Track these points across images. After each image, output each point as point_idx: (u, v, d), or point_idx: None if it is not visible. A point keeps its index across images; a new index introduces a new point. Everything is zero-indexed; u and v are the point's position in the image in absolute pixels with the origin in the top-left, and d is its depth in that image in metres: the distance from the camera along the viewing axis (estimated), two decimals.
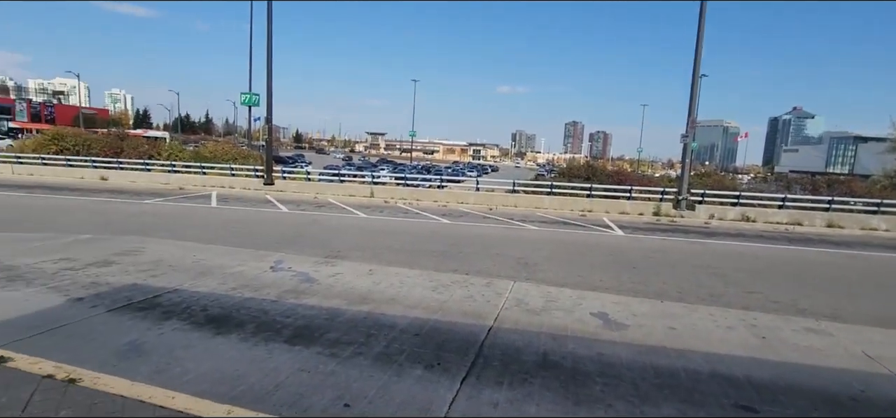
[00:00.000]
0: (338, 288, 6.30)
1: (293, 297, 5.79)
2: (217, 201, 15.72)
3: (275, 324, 4.88)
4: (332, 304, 5.60)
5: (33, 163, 21.95)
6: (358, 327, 4.92)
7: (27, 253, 7.32)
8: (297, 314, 5.21)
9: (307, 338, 4.55)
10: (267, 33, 18.78)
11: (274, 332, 4.66)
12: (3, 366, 3.50)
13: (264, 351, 4.24)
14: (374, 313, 5.37)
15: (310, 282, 6.48)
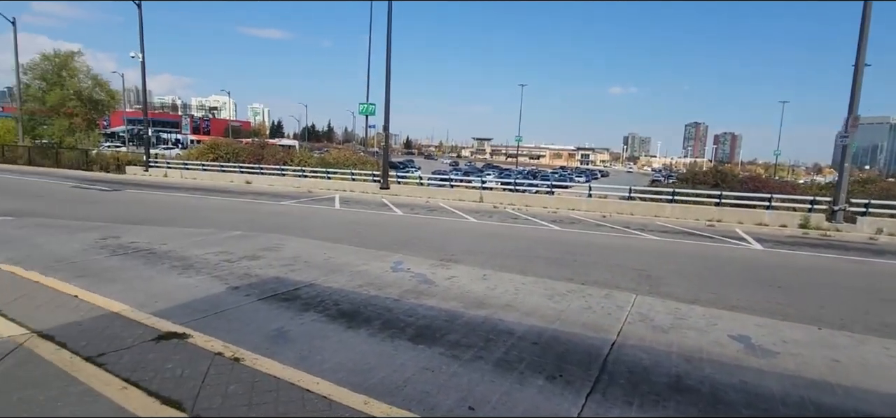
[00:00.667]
0: (454, 291, 6.45)
1: (413, 298, 6.06)
2: (340, 203, 17.07)
3: (398, 322, 5.14)
4: (449, 306, 5.75)
5: (195, 169, 25.85)
6: (476, 331, 4.99)
7: (195, 245, 8.60)
8: (418, 314, 5.44)
9: (429, 338, 4.72)
10: (386, 51, 19.99)
11: (398, 330, 4.92)
12: (185, 342, 4.15)
13: (390, 347, 4.48)
14: (491, 318, 5.40)
15: (428, 284, 6.73)
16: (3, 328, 4.27)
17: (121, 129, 60.61)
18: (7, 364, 3.60)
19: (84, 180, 22.16)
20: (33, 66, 33.88)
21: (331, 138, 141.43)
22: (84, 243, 8.40)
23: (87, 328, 4.41)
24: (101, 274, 6.47)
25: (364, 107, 32.69)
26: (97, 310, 4.90)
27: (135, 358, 3.79)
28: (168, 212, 12.92)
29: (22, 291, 5.37)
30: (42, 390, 3.25)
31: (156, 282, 6.24)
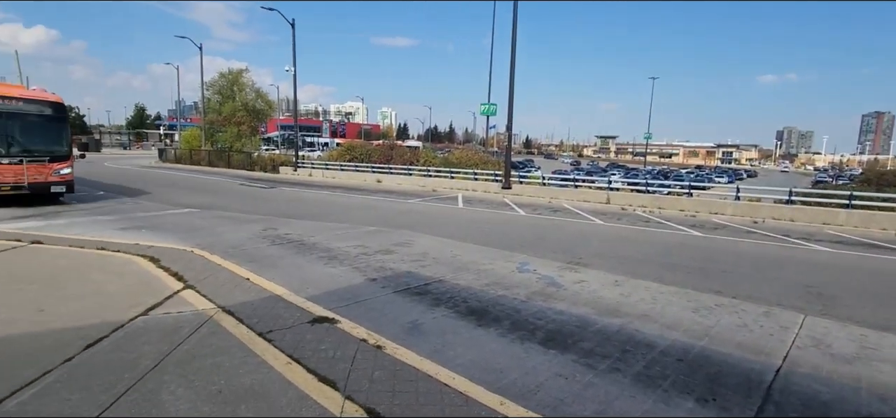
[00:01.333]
0: (584, 295, 6.19)
1: (541, 300, 5.94)
2: (463, 202, 17.49)
3: (528, 324, 5.08)
4: (580, 312, 5.53)
5: (334, 169, 28.56)
6: (611, 340, 4.72)
7: (337, 239, 9.48)
8: (547, 317, 5.32)
9: (560, 344, 4.58)
10: (511, 51, 19.97)
11: (528, 332, 4.86)
12: (334, 326, 4.58)
13: (521, 349, 4.45)
14: (626, 327, 5.07)
15: (556, 287, 6.55)
16: (199, 302, 5.15)
17: (275, 135, 69.51)
18: (202, 332, 4.33)
19: (248, 179, 25.83)
20: (212, 83, 40.50)
21: (452, 139, 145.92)
22: (250, 233, 9.77)
23: (258, 307, 5.11)
24: (264, 260, 7.45)
25: (485, 107, 33.05)
26: (264, 292, 5.65)
27: (295, 338, 4.29)
28: (313, 208, 14.45)
29: (209, 272, 6.41)
30: (228, 357, 3.84)
31: (306, 270, 7.00)
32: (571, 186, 21.22)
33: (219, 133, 39.59)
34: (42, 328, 4.34)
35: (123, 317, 4.61)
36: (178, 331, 4.33)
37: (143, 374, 3.50)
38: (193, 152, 38.22)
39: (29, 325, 4.38)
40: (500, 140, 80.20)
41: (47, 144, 12.48)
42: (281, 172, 29.93)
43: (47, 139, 12.55)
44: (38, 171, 12.19)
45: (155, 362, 3.70)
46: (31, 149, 12.14)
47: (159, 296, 5.33)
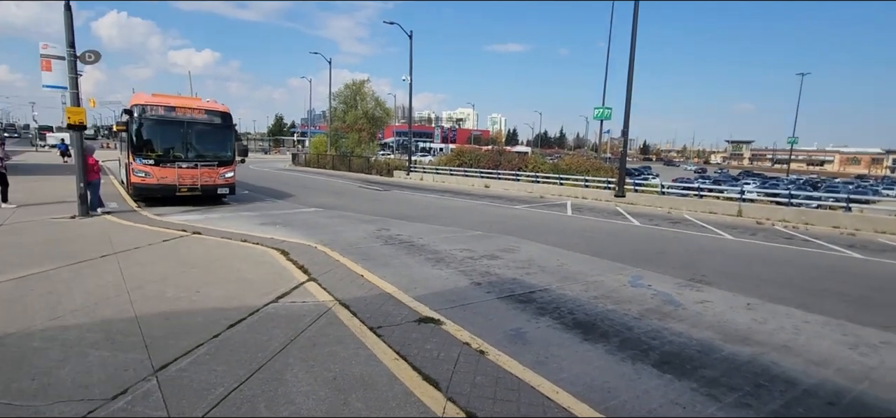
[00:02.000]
0: (708, 317, 5.60)
1: (656, 318, 5.49)
2: (572, 210, 16.89)
3: (640, 343, 4.73)
4: (702, 336, 5.01)
5: (444, 174, 29.41)
6: (740, 370, 4.20)
7: (444, 241, 9.74)
8: (662, 337, 4.91)
9: (677, 368, 4.19)
10: (630, 53, 18.87)
11: (640, 352, 4.53)
12: (439, 328, 4.71)
13: (631, 369, 4.15)
14: (760, 358, 4.47)
15: (673, 305, 6.02)
16: (320, 294, 5.64)
17: (391, 140, 73.73)
18: (321, 322, 4.73)
19: (365, 181, 27.72)
20: (338, 94, 44.22)
21: (562, 144, 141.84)
22: (365, 232, 10.46)
23: (370, 302, 5.45)
24: (377, 259, 7.92)
25: (599, 111, 31.61)
26: (376, 289, 6.01)
27: (403, 335, 4.49)
28: (423, 211, 15.02)
29: (329, 267, 7.00)
30: (343, 348, 4.15)
31: (415, 271, 7.29)
32: (694, 196, 19.34)
33: (342, 139, 43.05)
34: (198, 306, 5.09)
35: (258, 303, 5.22)
36: (302, 319, 4.78)
37: (272, 355, 3.93)
38: (320, 156, 42.09)
39: (189, 304, 5.17)
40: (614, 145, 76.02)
41: (216, 150, 14.11)
42: (394, 176, 31.62)
43: (217, 145, 14.15)
44: (208, 175, 13.81)
45: (282, 345, 4.13)
46: (203, 154, 13.82)
47: (288, 285, 5.94)
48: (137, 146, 12.76)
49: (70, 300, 5.10)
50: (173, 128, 13.24)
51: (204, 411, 3.07)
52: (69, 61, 10.39)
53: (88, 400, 3.15)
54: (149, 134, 12.95)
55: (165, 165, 12.95)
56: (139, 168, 12.70)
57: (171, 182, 12.99)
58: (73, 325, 4.40)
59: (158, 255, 7.32)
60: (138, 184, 12.78)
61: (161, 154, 12.98)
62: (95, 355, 3.81)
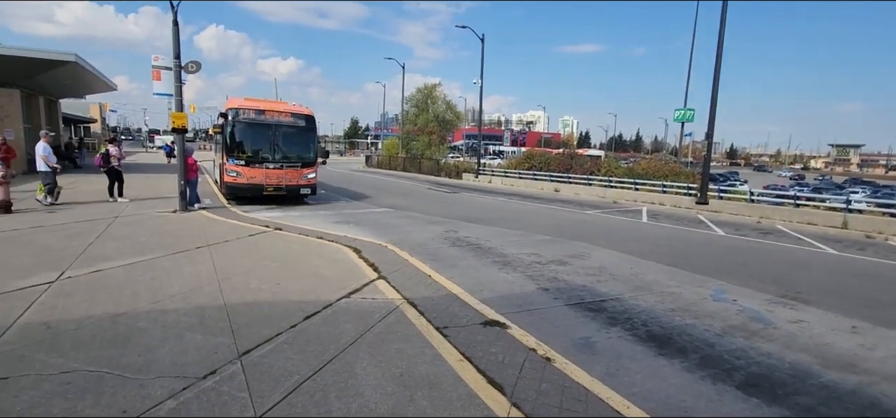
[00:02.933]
0: (803, 339, 5.07)
1: (742, 337, 5.07)
2: (647, 217, 16.04)
3: (722, 362, 4.39)
4: (797, 358, 4.55)
5: (512, 177, 29.15)
6: (842, 401, 3.77)
7: (511, 245, 9.64)
8: (749, 357, 4.52)
9: (767, 393, 3.84)
10: (717, 49, 17.61)
11: (722, 371, 4.20)
12: (505, 332, 4.67)
13: (713, 389, 3.86)
14: (867, 389, 3.98)
15: (762, 324, 5.52)
16: (389, 292, 5.82)
17: (460, 143, 74.34)
18: (389, 320, 4.87)
19: (434, 183, 28.16)
20: (410, 98, 45.37)
21: (638, 148, 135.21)
22: (433, 233, 10.62)
23: (437, 303, 5.53)
24: (444, 260, 8.02)
25: (680, 112, 29.82)
26: (443, 290, 6.08)
27: (468, 337, 4.51)
28: (491, 213, 14.98)
29: (398, 266, 7.19)
30: (409, 345, 4.24)
31: (481, 273, 7.29)
32: (790, 204, 17.60)
33: (413, 141, 44.07)
34: (277, 298, 5.44)
35: (332, 297, 5.48)
36: (372, 315, 4.95)
37: (343, 348, 4.11)
38: (391, 159, 43.39)
39: (270, 295, 5.54)
40: (697, 149, 71.19)
41: (300, 152, 14.83)
42: (463, 178, 31.82)
43: (301, 147, 14.87)
44: (292, 175, 14.56)
45: (353, 339, 4.30)
46: (289, 156, 14.61)
47: (359, 282, 6.18)
48: (230, 147, 13.86)
49: (169, 286, 5.67)
50: (262, 130, 14.20)
51: (281, 396, 3.28)
52: (175, 71, 11.56)
53: (184, 377, 3.48)
54: (241, 136, 14.01)
55: (254, 166, 13.93)
56: (231, 168, 13.80)
57: (259, 182, 13.97)
58: (172, 309, 4.88)
59: (244, 249, 7.91)
60: (230, 183, 13.88)
61: (250, 155, 13.98)
62: (190, 337, 4.19)
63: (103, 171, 13.55)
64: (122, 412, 2.99)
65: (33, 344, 3.93)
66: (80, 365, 3.57)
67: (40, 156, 11.80)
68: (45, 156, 11.75)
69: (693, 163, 54.15)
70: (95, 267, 6.37)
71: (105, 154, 13.55)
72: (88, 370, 3.51)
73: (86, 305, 4.89)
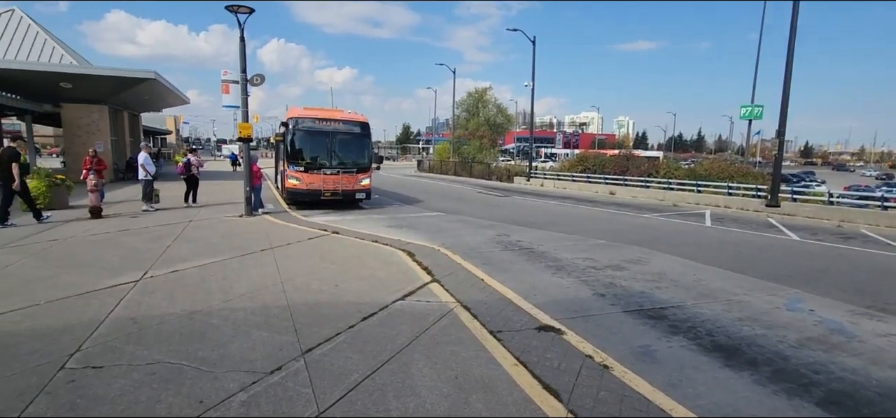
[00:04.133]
0: (894, 355, 4.64)
1: (821, 350, 4.71)
2: (711, 220, 15.22)
3: (799, 377, 4.10)
4: (886, 376, 4.16)
5: (565, 180, 28.56)
6: None
7: (565, 249, 9.47)
8: (829, 373, 4.19)
9: (851, 411, 3.55)
10: (789, 40, 16.47)
11: (799, 386, 3.92)
12: (560, 337, 4.61)
13: (787, 405, 3.62)
14: None
15: (845, 336, 5.10)
16: (442, 295, 5.89)
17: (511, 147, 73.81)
18: (443, 323, 4.93)
19: (485, 187, 28.12)
20: (460, 102, 45.70)
21: (700, 148, 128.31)
22: (485, 237, 10.62)
23: (490, 306, 5.53)
24: (497, 264, 8.00)
25: (748, 109, 28.15)
26: (496, 293, 6.08)
27: (523, 341, 4.49)
28: (543, 217, 14.77)
29: (451, 269, 7.26)
30: (463, 348, 4.28)
31: (535, 277, 7.21)
32: (877, 207, 16.08)
33: (464, 145, 44.29)
34: (336, 299, 5.66)
35: (387, 299, 5.63)
36: (426, 318, 5.04)
37: (399, 349, 4.21)
38: (443, 163, 43.79)
39: (329, 296, 5.77)
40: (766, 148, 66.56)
41: (355, 157, 15.29)
42: (515, 182, 31.56)
43: (356, 153, 15.34)
44: (348, 181, 15.04)
45: (408, 341, 4.40)
46: (345, 161, 15.10)
47: (413, 285, 6.30)
48: (291, 154, 14.54)
49: (238, 286, 6.03)
50: (320, 137, 14.80)
51: (342, 393, 3.41)
52: (242, 84, 12.30)
53: (253, 372, 3.70)
54: (300, 143, 14.67)
55: (313, 172, 14.54)
56: (292, 174, 14.48)
57: (317, 187, 14.55)
58: (241, 308, 5.20)
59: (305, 251, 8.28)
60: (291, 188, 14.57)
61: (309, 162, 14.61)
62: (257, 334, 4.45)
63: (183, 178, 14.70)
64: (199, 402, 3.22)
65: (123, 336, 4.32)
66: (162, 357, 3.89)
67: (141, 164, 12.99)
68: (143, 165, 12.91)
69: (762, 163, 50.73)
70: (174, 267, 6.90)
71: (187, 163, 14.71)
72: (170, 362, 3.81)
73: (166, 303, 5.31)
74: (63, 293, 5.58)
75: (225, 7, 11.62)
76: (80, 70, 18.98)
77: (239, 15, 11.68)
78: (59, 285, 5.90)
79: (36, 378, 3.49)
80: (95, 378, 3.52)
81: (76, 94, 19.81)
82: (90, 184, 11.39)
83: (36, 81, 18.07)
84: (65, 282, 6.05)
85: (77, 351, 3.98)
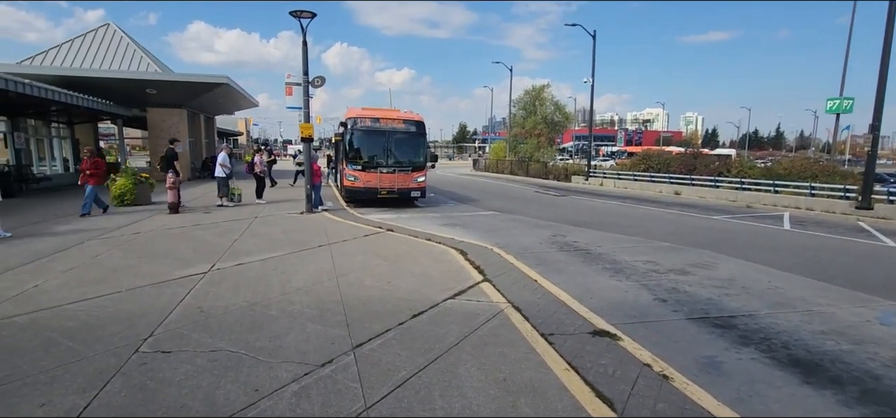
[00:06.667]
0: None
1: None
2: (790, 223, 14.00)
3: (893, 399, 3.65)
4: None
5: (626, 179, 27.41)
6: None
7: (624, 251, 9.05)
8: None
9: None
10: (886, 25, 14.82)
11: (893, 410, 3.48)
12: (616, 343, 4.39)
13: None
14: None
15: None
16: (493, 295, 5.81)
17: (569, 145, 71.96)
18: (493, 324, 4.85)
19: (542, 186, 27.58)
20: (517, 100, 45.07)
21: (778, 145, 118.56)
22: (540, 238, 10.38)
23: (542, 308, 5.38)
24: (551, 264, 7.79)
25: (835, 103, 25.79)
26: (548, 296, 5.91)
27: (575, 346, 4.31)
28: (601, 218, 14.23)
29: (503, 269, 7.15)
30: (513, 350, 4.18)
31: (590, 280, 6.95)
32: None
33: (520, 144, 43.68)
34: (388, 295, 5.73)
35: (438, 298, 5.62)
36: (476, 318, 4.98)
37: (448, 348, 4.18)
38: (498, 162, 43.46)
39: (381, 292, 5.86)
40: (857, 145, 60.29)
41: (411, 156, 15.48)
42: (572, 181, 30.72)
43: (412, 152, 15.53)
44: (404, 179, 15.26)
45: (457, 341, 4.36)
46: (401, 160, 15.32)
47: (464, 284, 6.26)
48: (349, 153, 14.99)
49: (296, 280, 6.27)
50: (377, 136, 15.15)
51: (389, 389, 3.43)
52: (304, 86, 12.81)
53: (305, 363, 3.81)
54: (358, 142, 15.08)
55: (370, 171, 14.91)
56: (350, 172, 14.91)
57: (374, 185, 14.90)
58: (297, 301, 5.39)
59: (360, 248, 8.48)
60: (349, 187, 15.01)
61: (366, 160, 14.99)
62: (311, 327, 4.59)
63: (254, 176, 15.72)
64: (254, 390, 3.36)
65: (190, 324, 4.61)
66: (224, 346, 4.10)
67: (220, 163, 14.00)
68: (223, 164, 13.92)
69: (852, 161, 46.11)
70: (238, 260, 7.30)
71: (251, 163, 15.75)
72: (230, 350, 4.02)
73: (230, 294, 5.61)
74: (142, 281, 6.06)
75: (289, 12, 12.16)
76: (162, 76, 20.64)
77: (302, 19, 12.17)
78: (140, 274, 6.41)
79: (114, 359, 3.80)
80: (164, 362, 3.78)
81: (159, 98, 21.57)
82: (169, 181, 12.32)
83: (126, 88, 19.84)
84: (144, 271, 6.57)
85: (150, 336, 4.29)
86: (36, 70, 18.61)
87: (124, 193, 13.45)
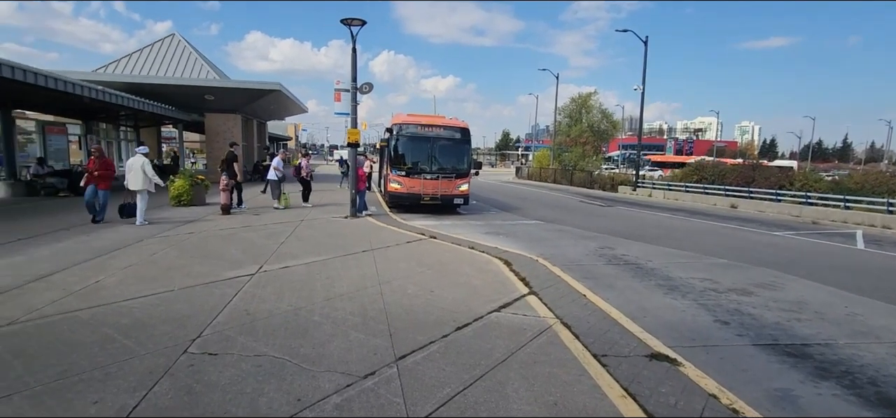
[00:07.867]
0: None
1: None
2: (864, 242, 12.86)
3: None
4: None
5: (678, 190, 26.21)
6: None
7: (678, 267, 8.54)
8: None
9: None
10: None
11: None
12: (676, 369, 4.05)
13: None
14: None
15: None
16: (540, 309, 5.56)
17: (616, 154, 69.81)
18: (541, 340, 4.62)
19: (587, 196, 26.81)
20: (563, 108, 44.24)
21: (845, 157, 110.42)
22: (587, 249, 9.99)
23: (593, 326, 5.09)
24: (600, 279, 7.44)
25: None
26: (599, 312, 5.60)
27: (631, 370, 4.02)
28: (651, 230, 13.59)
29: (550, 282, 6.87)
30: (564, 371, 3.94)
31: (643, 297, 6.56)
32: None
33: (565, 153, 42.80)
34: (431, 305, 5.60)
35: (482, 310, 5.44)
36: (523, 333, 4.76)
37: (494, 365, 3.99)
38: (542, 170, 42.72)
39: (424, 302, 5.74)
40: None
41: (455, 163, 15.36)
42: (619, 191, 29.72)
43: (455, 158, 15.40)
44: (447, 186, 15.14)
45: (504, 357, 4.16)
46: (444, 167, 15.22)
47: (509, 296, 6.05)
48: (393, 159, 15.07)
49: (339, 285, 6.26)
50: (422, 143, 15.15)
51: (433, 407, 3.28)
52: (351, 93, 13.00)
53: (348, 373, 3.73)
54: (403, 148, 15.15)
55: (413, 177, 14.92)
56: (394, 178, 14.99)
57: (417, 192, 14.90)
58: (340, 308, 5.35)
59: (403, 255, 8.42)
60: (393, 192, 15.08)
61: (410, 166, 15.01)
62: (354, 336, 4.52)
63: (300, 179, 16.12)
64: (297, 400, 3.30)
65: (237, 326, 4.65)
66: (268, 351, 4.09)
67: (274, 166, 14.49)
68: (276, 167, 14.40)
69: None
70: (284, 263, 7.40)
71: (298, 167, 16.10)
72: (274, 356, 4.00)
73: (275, 297, 5.66)
74: (193, 281, 6.23)
75: (340, 20, 12.38)
76: (218, 83, 21.63)
77: (352, 27, 12.36)
78: (191, 274, 6.60)
79: (163, 359, 3.86)
80: (210, 364, 3.80)
81: (216, 104, 22.59)
82: (222, 184, 12.79)
83: (186, 94, 20.90)
84: (196, 271, 6.76)
85: (198, 337, 4.35)
86: (107, 77, 19.93)
87: (181, 194, 14.08)
